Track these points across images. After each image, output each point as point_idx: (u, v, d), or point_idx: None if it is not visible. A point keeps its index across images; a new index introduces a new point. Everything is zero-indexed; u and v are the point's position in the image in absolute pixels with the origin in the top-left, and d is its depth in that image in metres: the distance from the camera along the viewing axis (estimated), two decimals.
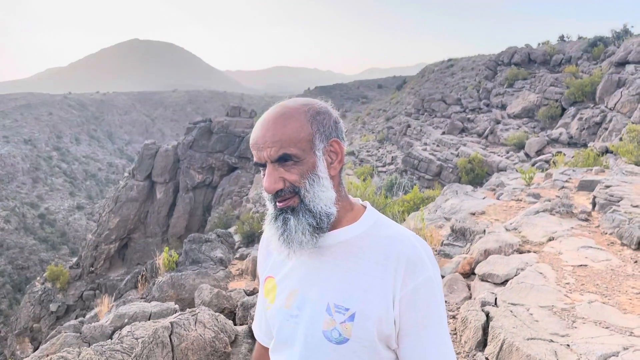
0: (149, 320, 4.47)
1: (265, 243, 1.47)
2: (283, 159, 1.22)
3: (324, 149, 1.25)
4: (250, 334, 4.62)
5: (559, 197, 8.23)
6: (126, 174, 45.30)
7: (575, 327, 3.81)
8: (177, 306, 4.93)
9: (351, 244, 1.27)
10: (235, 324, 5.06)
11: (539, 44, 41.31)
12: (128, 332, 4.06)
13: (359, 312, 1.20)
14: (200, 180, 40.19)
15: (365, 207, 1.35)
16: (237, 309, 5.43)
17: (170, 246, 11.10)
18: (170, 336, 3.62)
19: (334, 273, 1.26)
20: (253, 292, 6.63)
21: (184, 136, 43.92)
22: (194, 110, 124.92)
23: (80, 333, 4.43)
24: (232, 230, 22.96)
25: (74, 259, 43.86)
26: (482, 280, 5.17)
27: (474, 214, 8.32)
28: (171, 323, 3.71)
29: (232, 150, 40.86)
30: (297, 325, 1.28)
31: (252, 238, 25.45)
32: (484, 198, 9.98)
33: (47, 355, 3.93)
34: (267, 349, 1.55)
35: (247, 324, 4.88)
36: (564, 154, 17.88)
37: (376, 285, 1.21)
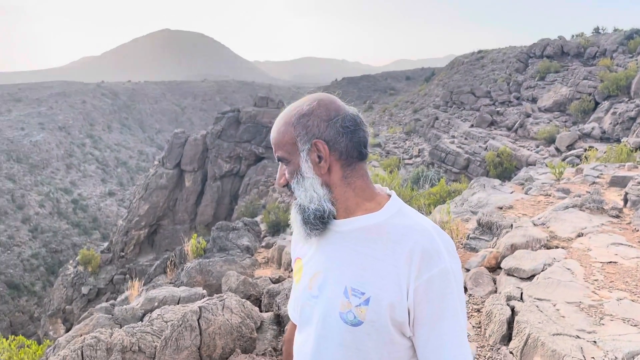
0: (177, 304, 4.60)
1: None
2: (280, 160, 1.40)
3: (308, 150, 1.33)
4: (276, 321, 4.71)
5: (589, 192, 8.08)
6: (156, 162, 46.05)
7: (603, 324, 3.77)
8: (204, 291, 5.05)
9: (371, 230, 1.32)
10: (260, 311, 5.16)
11: (572, 36, 40.20)
12: (158, 315, 4.19)
13: (373, 297, 1.26)
14: (227, 169, 40.60)
15: (390, 196, 1.40)
16: (262, 296, 5.52)
17: (198, 233, 11.29)
18: (198, 320, 3.72)
19: (353, 258, 1.32)
20: (279, 280, 6.73)
21: (213, 126, 44.35)
22: (223, 100, 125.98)
23: (112, 315, 4.59)
24: (258, 219, 23.19)
25: (105, 244, 44.96)
26: (508, 274, 5.14)
27: (501, 208, 8.23)
28: (200, 307, 3.81)
29: (260, 140, 41.11)
30: (316, 305, 1.36)
31: (277, 227, 25.64)
32: (511, 192, 9.85)
33: (81, 335, 4.09)
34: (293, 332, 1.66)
35: (272, 311, 4.97)
36: (596, 149, 17.44)
37: (391, 273, 1.26)
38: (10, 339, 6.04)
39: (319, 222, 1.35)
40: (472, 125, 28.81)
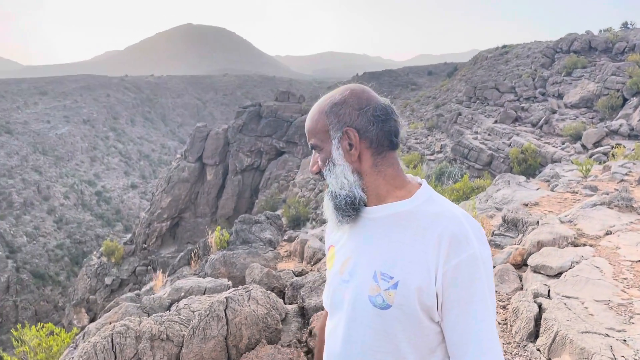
0: (204, 294, 4.66)
1: None
2: (313, 148, 1.45)
3: (340, 137, 1.37)
4: (300, 313, 4.73)
5: (617, 190, 7.93)
6: (178, 156, 46.56)
7: (633, 323, 3.71)
8: (229, 283, 5.10)
9: (401, 217, 1.36)
10: (284, 303, 5.20)
11: (600, 31, 39.32)
12: (185, 304, 4.25)
13: (401, 281, 1.29)
14: (248, 163, 40.86)
15: (421, 185, 1.43)
16: (286, 289, 5.56)
17: (221, 227, 11.41)
18: (225, 310, 3.76)
19: (382, 243, 1.36)
20: (301, 273, 6.76)
21: (234, 120, 44.64)
22: (244, 95, 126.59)
23: (140, 304, 4.67)
24: (278, 213, 23.32)
25: (128, 236, 45.69)
26: (535, 271, 5.09)
27: (526, 205, 8.13)
28: (226, 298, 3.86)
29: (280, 135, 41.25)
30: (347, 289, 1.41)
31: (297, 222, 25.74)
32: (537, 189, 9.72)
33: (110, 323, 4.17)
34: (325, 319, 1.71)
35: (296, 303, 5.00)
36: (624, 147, 17.08)
37: (419, 258, 1.29)
38: (39, 326, 6.17)
39: (350, 209, 1.39)
40: (495, 121, 28.45)
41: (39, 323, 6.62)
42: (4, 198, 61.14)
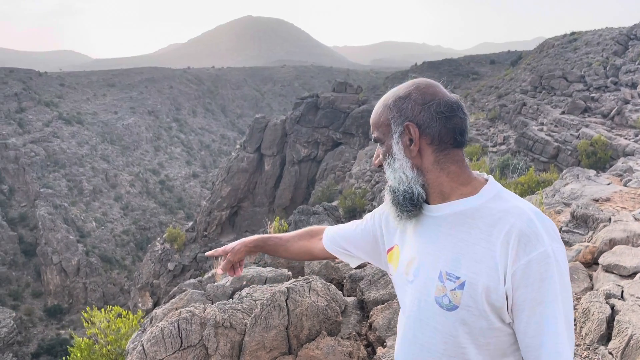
0: (264, 284, 4.75)
1: None
2: (375, 141, 1.45)
3: (401, 132, 1.36)
4: (360, 306, 4.74)
5: None
6: (237, 146, 47.64)
7: None
8: (290, 273, 5.18)
9: (467, 215, 1.32)
10: (343, 296, 5.21)
11: None
12: (247, 293, 4.35)
13: (468, 281, 1.26)
14: (305, 154, 41.20)
15: (487, 181, 1.39)
16: (345, 281, 5.57)
17: (279, 216, 11.57)
18: (286, 301, 3.82)
19: (448, 243, 1.33)
20: (359, 266, 6.76)
21: (292, 111, 45.06)
22: (301, 86, 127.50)
23: (204, 291, 4.82)
24: (335, 204, 23.39)
25: (189, 223, 47.31)
26: (607, 271, 4.85)
27: (597, 201, 7.75)
28: (287, 288, 3.91)
29: (337, 126, 41.27)
30: (412, 290, 1.39)
31: (354, 213, 25.73)
32: (608, 184, 9.24)
33: (177, 309, 4.33)
34: (315, 239, 1.83)
35: (355, 296, 5.00)
36: None
37: (486, 257, 1.25)
38: (108, 308, 6.47)
39: (408, 204, 1.37)
40: (563, 112, 27.21)
41: (108, 305, 6.94)
42: (75, 185, 64.76)
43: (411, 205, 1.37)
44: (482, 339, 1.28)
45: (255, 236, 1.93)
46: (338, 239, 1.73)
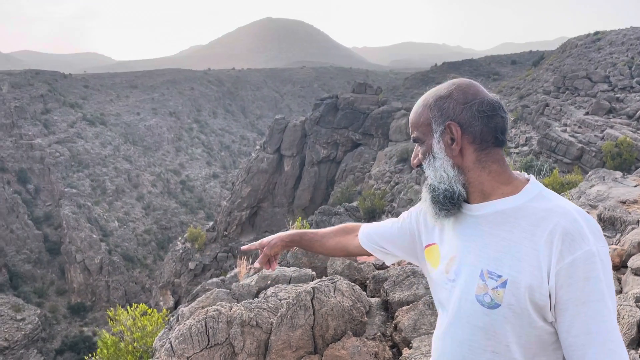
0: (289, 284, 4.78)
1: None
2: (415, 141, 1.45)
3: (442, 131, 1.36)
4: (384, 307, 4.73)
5: None
6: (257, 147, 47.88)
7: None
8: (314, 273, 5.19)
9: (508, 214, 1.32)
10: (367, 296, 5.21)
11: None
12: (272, 293, 4.38)
13: (511, 280, 1.26)
14: (325, 155, 41.23)
15: (528, 180, 1.39)
16: (368, 282, 5.57)
17: (298, 217, 11.62)
18: (312, 300, 3.84)
19: (489, 241, 1.33)
20: (382, 267, 6.74)
21: (311, 112, 45.16)
22: (320, 87, 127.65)
23: (230, 290, 4.87)
24: (355, 204, 23.37)
25: (210, 223, 47.69)
26: (636, 274, 4.77)
27: (624, 203, 7.61)
28: (313, 288, 3.93)
29: (357, 127, 41.22)
30: (453, 289, 1.40)
31: (373, 214, 25.68)
32: (635, 186, 9.07)
33: (203, 307, 4.39)
34: (350, 236, 1.83)
35: (379, 296, 5.00)
36: None
37: (530, 256, 1.25)
38: (134, 306, 6.56)
39: (448, 203, 1.37)
40: (587, 113, 26.77)
41: (132, 304, 7.04)
42: (98, 185, 65.83)
43: (451, 204, 1.37)
44: (524, 336, 1.28)
45: (292, 231, 1.96)
46: (374, 236, 1.74)
